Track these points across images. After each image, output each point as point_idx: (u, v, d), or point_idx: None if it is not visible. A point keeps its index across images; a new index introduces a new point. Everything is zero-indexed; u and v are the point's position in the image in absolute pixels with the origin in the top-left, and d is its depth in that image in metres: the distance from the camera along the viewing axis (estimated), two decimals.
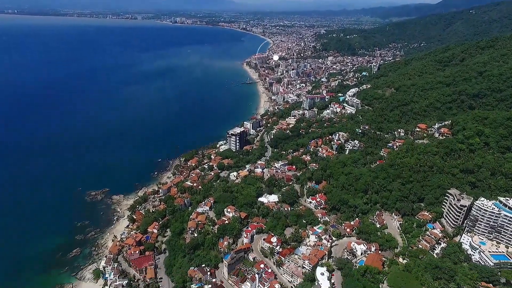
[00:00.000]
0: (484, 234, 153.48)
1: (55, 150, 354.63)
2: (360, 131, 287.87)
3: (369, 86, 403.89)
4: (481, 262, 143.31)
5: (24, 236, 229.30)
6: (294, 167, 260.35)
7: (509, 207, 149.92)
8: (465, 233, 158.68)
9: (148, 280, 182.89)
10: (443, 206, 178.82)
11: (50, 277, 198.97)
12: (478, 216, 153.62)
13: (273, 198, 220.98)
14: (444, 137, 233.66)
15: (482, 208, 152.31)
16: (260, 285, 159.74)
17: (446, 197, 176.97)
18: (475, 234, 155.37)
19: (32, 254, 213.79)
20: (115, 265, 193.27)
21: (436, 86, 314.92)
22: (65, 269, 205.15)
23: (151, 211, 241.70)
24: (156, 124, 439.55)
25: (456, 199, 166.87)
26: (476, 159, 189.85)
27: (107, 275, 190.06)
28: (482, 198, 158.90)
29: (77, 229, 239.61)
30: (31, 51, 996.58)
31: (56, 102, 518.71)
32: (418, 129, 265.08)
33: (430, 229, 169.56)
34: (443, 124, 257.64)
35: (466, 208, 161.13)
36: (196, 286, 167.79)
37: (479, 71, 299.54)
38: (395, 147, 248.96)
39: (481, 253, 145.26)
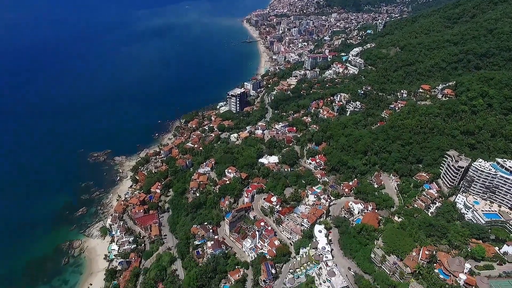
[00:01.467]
0: (479, 194, 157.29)
1: (56, 112, 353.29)
2: (362, 92, 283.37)
3: (373, 45, 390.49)
4: (474, 220, 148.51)
5: (32, 196, 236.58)
6: (294, 128, 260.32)
7: (505, 168, 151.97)
8: (460, 193, 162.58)
9: (153, 237, 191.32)
10: (440, 167, 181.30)
11: (59, 234, 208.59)
12: (475, 177, 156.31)
13: (273, 159, 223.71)
14: (447, 98, 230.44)
15: (479, 169, 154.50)
16: (261, 242, 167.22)
17: (444, 159, 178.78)
18: (470, 194, 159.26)
19: (40, 213, 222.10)
20: (121, 223, 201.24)
21: (443, 45, 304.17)
22: (73, 227, 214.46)
23: (153, 172, 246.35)
24: (155, 85, 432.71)
25: (454, 160, 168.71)
26: (478, 121, 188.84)
27: (113, 232, 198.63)
28: (480, 160, 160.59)
29: (82, 189, 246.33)
30: (20, 11, 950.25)
31: (54, 64, 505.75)
32: (421, 90, 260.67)
33: (426, 189, 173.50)
34: (447, 85, 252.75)
35: (463, 169, 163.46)
36: (199, 242, 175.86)
37: (490, 28, 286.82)
38: (397, 108, 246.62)
39: (474, 212, 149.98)
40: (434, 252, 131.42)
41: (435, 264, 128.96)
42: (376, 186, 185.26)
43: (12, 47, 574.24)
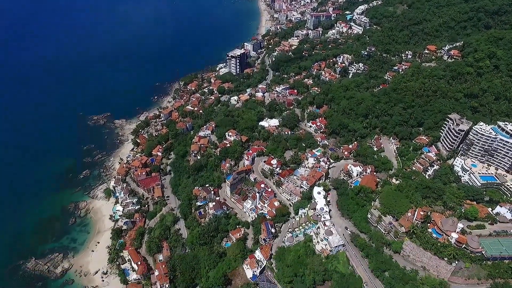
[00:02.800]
0: (477, 157, 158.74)
1: (53, 74, 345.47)
2: (366, 53, 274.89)
3: (380, 3, 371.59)
4: (470, 183, 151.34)
5: (35, 159, 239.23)
6: (295, 91, 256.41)
7: (506, 132, 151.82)
8: (459, 156, 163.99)
9: (156, 198, 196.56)
10: (441, 130, 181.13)
11: (65, 195, 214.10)
12: (474, 140, 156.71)
13: (274, 122, 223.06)
14: (453, 60, 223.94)
15: (479, 133, 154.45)
16: (261, 203, 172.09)
17: (445, 122, 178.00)
18: (468, 157, 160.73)
19: (45, 175, 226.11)
20: (124, 185, 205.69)
21: (453, 2, 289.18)
22: (77, 189, 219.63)
23: (154, 135, 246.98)
24: (151, 45, 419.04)
25: (455, 124, 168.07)
26: (483, 83, 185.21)
27: (117, 194, 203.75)
28: (481, 123, 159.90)
29: (84, 152, 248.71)
30: None
31: (48, 24, 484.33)
32: (426, 51, 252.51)
33: (425, 153, 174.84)
34: (454, 45, 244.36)
35: (463, 132, 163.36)
36: (201, 203, 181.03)
37: None
38: (400, 70, 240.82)
39: (471, 174, 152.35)
40: (428, 213, 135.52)
41: (429, 224, 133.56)
42: (375, 149, 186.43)
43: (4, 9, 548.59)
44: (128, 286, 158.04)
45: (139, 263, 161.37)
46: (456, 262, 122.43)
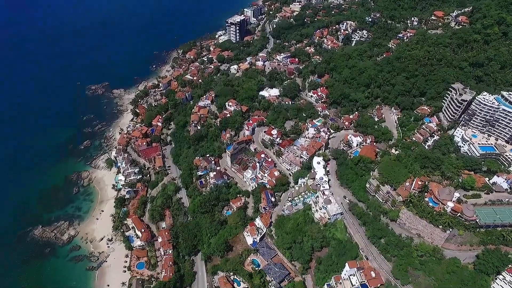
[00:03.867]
0: (478, 128, 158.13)
1: (49, 44, 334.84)
2: (370, 19, 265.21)
3: None
4: (469, 153, 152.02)
5: (36, 130, 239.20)
6: (297, 59, 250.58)
7: (509, 102, 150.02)
8: (460, 126, 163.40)
9: (157, 168, 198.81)
10: (443, 100, 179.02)
11: (67, 165, 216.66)
12: (476, 110, 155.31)
13: (274, 92, 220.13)
14: (460, 26, 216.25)
15: (482, 102, 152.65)
16: (261, 172, 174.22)
17: (448, 92, 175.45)
18: (469, 128, 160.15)
19: (46, 146, 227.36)
20: (125, 155, 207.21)
21: None
22: (79, 159, 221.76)
23: (153, 105, 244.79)
24: (148, 12, 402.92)
25: (458, 93, 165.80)
26: (489, 52, 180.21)
27: (119, 164, 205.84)
28: (485, 93, 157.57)
29: (83, 123, 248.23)
30: None
31: None
32: (433, 18, 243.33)
33: (426, 123, 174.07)
34: (462, 11, 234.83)
35: (466, 102, 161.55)
36: (202, 173, 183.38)
37: None
38: (405, 38, 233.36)
39: (471, 145, 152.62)
40: (426, 183, 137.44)
41: (426, 194, 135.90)
42: (376, 119, 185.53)
43: None
44: (133, 251, 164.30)
45: (142, 230, 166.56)
46: (450, 229, 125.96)
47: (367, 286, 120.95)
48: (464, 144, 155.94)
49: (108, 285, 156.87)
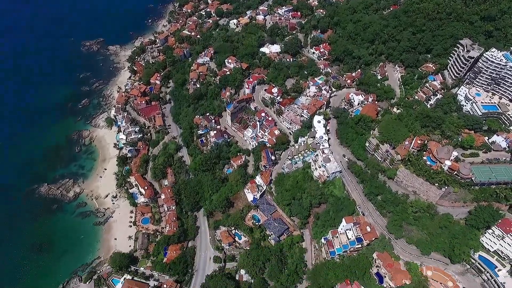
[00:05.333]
0: (483, 86, 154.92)
1: None
2: None
3: None
4: (471, 112, 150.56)
5: (32, 88, 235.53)
6: (299, 13, 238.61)
7: None
8: (464, 85, 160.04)
9: (157, 127, 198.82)
10: (449, 57, 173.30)
11: (67, 124, 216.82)
12: (483, 68, 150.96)
13: (275, 48, 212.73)
14: None
15: (489, 59, 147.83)
16: (261, 131, 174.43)
17: (455, 48, 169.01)
18: (473, 86, 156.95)
19: (44, 104, 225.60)
20: (125, 114, 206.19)
21: None
22: (79, 118, 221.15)
23: (151, 62, 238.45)
24: None
25: (465, 50, 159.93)
26: (503, 4, 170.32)
27: (119, 123, 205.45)
28: (493, 49, 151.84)
29: (80, 81, 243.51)
30: None
31: None
32: None
33: (430, 81, 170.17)
34: None
35: (473, 59, 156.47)
36: (203, 132, 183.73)
37: None
38: None
39: (473, 103, 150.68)
40: (426, 142, 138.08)
41: (424, 152, 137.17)
42: (379, 77, 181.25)
43: None
44: (138, 208, 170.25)
45: (146, 187, 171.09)
46: (446, 187, 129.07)
47: (362, 240, 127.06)
48: (466, 103, 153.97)
49: (115, 239, 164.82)
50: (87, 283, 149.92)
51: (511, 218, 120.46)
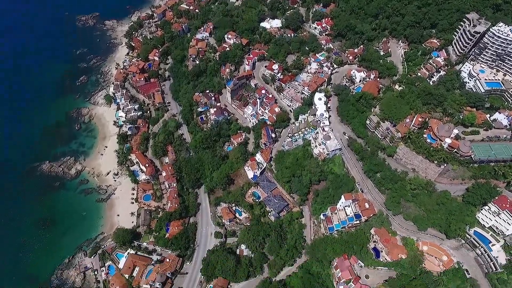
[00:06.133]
0: (487, 63, 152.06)
1: None
2: None
3: None
4: (474, 89, 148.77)
5: (30, 65, 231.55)
6: None
7: None
8: (468, 61, 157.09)
9: (157, 104, 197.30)
10: (455, 33, 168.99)
11: (66, 102, 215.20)
12: (488, 44, 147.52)
13: (276, 23, 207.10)
14: None
15: (495, 34, 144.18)
16: (261, 109, 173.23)
17: (461, 23, 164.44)
18: (477, 63, 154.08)
19: (42, 81, 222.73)
20: (124, 91, 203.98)
21: None
22: (78, 95, 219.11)
23: (148, 37, 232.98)
24: None
25: (472, 25, 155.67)
26: None
27: (118, 100, 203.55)
28: (501, 24, 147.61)
29: (77, 57, 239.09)
30: None
31: None
32: None
33: (434, 57, 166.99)
34: None
35: (479, 34, 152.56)
36: (203, 109, 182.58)
37: None
38: None
39: (477, 80, 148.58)
40: (427, 119, 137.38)
41: (425, 130, 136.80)
42: (382, 53, 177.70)
43: None
44: (139, 185, 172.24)
45: (147, 165, 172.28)
46: (445, 164, 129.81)
47: (361, 216, 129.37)
48: (470, 80, 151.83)
49: (118, 215, 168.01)
50: (92, 257, 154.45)
51: (508, 195, 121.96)
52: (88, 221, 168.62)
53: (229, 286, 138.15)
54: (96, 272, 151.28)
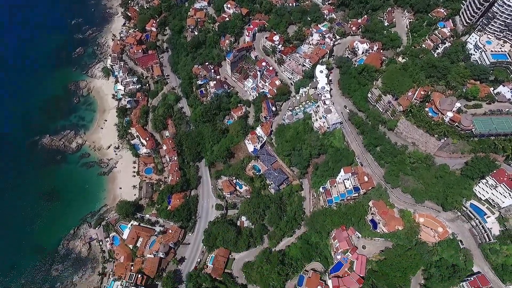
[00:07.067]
0: (495, 33, 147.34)
1: None
2: None
3: None
4: (479, 61, 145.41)
5: (24, 35, 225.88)
6: None
7: None
8: (475, 32, 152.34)
9: (156, 77, 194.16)
10: (463, 1, 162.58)
11: (63, 74, 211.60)
12: (497, 13, 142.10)
13: None
14: None
15: (506, 3, 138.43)
16: (262, 81, 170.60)
17: None
18: (484, 33, 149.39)
19: (38, 53, 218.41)
20: (122, 64, 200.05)
21: None
22: (75, 68, 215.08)
23: (145, 7, 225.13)
24: None
25: None
26: None
27: (116, 73, 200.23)
28: None
29: (73, 28, 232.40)
30: None
31: None
32: None
33: (440, 28, 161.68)
34: None
35: (488, 3, 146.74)
36: (202, 82, 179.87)
37: None
38: None
39: (483, 52, 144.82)
40: (429, 92, 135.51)
41: (427, 104, 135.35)
42: (386, 24, 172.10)
43: None
44: (140, 158, 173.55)
45: (147, 139, 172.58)
46: (445, 138, 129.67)
47: (359, 189, 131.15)
48: (476, 52, 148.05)
49: (120, 188, 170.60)
50: (97, 228, 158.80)
51: (506, 168, 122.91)
52: (91, 194, 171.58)
53: (230, 255, 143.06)
54: (101, 243, 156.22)
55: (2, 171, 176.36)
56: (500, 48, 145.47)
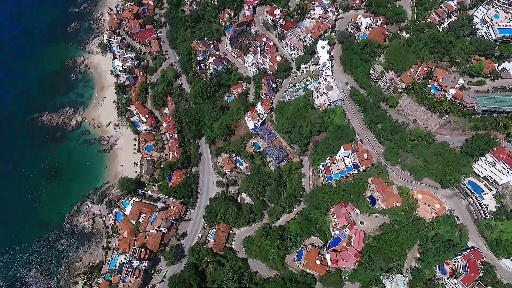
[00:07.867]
0: (503, 6, 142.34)
1: None
2: None
3: None
4: (485, 36, 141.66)
5: (16, 9, 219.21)
6: None
7: None
8: (483, 5, 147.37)
9: (154, 53, 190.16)
10: None
11: (60, 50, 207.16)
12: None
13: None
14: None
15: None
16: (262, 57, 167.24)
17: None
18: (493, 6, 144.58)
19: (32, 27, 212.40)
20: (119, 39, 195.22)
21: None
22: (71, 43, 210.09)
23: None
24: None
25: None
26: None
27: (113, 49, 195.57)
28: None
29: (67, 1, 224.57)
30: None
31: None
32: None
33: (446, 1, 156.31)
34: None
35: None
36: (201, 58, 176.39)
37: None
38: None
39: (490, 26, 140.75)
40: (432, 69, 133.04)
41: (430, 80, 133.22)
42: None
43: None
44: (140, 136, 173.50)
45: (147, 116, 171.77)
46: (447, 116, 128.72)
47: (359, 166, 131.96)
48: (482, 26, 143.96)
49: (122, 165, 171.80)
50: (99, 205, 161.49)
51: (506, 146, 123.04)
52: (92, 171, 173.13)
53: (230, 230, 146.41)
54: (104, 219, 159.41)
55: (2, 149, 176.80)
56: (508, 22, 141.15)
